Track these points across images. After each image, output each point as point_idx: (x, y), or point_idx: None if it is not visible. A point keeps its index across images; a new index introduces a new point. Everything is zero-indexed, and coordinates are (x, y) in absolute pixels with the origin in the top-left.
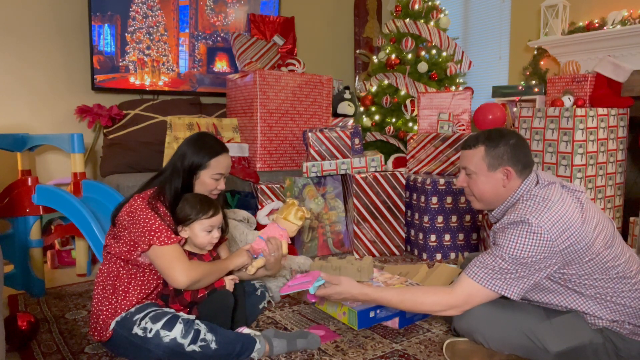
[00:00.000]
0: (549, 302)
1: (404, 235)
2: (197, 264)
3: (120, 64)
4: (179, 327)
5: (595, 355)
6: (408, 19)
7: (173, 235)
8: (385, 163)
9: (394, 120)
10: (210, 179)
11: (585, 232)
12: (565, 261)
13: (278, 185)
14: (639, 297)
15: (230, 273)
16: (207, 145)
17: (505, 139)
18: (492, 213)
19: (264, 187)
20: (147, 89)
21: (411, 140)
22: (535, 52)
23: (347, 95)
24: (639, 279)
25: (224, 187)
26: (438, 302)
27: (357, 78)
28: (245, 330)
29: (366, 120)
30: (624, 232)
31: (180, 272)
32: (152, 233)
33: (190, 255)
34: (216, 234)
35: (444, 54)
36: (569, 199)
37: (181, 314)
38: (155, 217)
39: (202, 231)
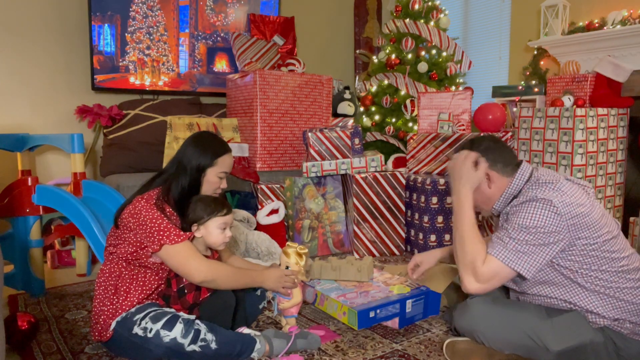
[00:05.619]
0: (553, 296)
1: (404, 235)
2: (215, 263)
3: (120, 64)
4: (179, 327)
5: (596, 355)
6: (408, 19)
7: (182, 233)
8: (385, 163)
9: (394, 120)
10: (215, 177)
11: (594, 213)
12: (572, 239)
13: (278, 185)
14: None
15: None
16: (213, 144)
17: (473, 146)
18: (494, 206)
19: (264, 187)
20: (147, 89)
21: (411, 140)
22: (535, 52)
23: (347, 95)
24: None
25: (226, 186)
26: (475, 258)
27: (357, 78)
28: (245, 330)
29: (366, 120)
30: (624, 232)
31: (197, 268)
32: (162, 233)
33: None
34: (229, 232)
35: (444, 54)
36: (575, 186)
37: (181, 313)
38: (162, 217)
39: (216, 229)
